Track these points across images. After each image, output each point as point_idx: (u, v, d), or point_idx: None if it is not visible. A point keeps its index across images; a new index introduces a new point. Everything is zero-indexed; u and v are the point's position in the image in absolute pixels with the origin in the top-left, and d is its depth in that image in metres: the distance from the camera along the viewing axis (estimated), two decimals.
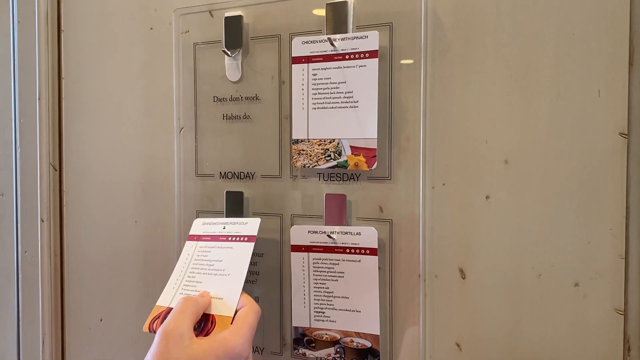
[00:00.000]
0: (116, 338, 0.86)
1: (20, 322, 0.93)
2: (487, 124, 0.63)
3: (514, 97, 0.61)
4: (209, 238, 0.72)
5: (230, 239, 0.70)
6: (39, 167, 0.90)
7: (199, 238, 0.73)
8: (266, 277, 0.73)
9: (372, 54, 0.66)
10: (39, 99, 0.89)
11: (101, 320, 0.87)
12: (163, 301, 0.69)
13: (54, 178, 0.90)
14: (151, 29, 0.81)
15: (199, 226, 0.74)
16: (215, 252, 0.70)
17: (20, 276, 0.93)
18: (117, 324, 0.86)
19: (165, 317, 0.62)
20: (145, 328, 0.66)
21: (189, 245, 0.73)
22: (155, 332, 0.61)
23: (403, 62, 0.66)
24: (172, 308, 0.65)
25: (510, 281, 0.62)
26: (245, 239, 0.69)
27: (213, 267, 0.68)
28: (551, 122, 0.60)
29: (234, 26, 0.74)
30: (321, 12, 0.70)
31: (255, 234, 0.69)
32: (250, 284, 0.75)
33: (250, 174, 0.75)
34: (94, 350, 0.88)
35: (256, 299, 0.72)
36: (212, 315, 0.65)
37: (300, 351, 0.70)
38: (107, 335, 0.87)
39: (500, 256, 0.62)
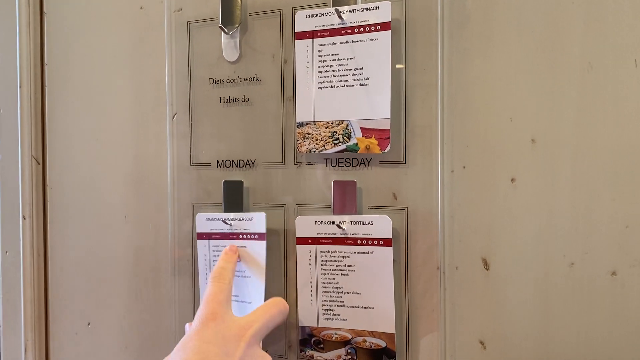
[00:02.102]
0: (105, 344, 0.79)
1: (1, 328, 0.86)
2: (511, 100, 0.57)
3: (541, 70, 0.56)
4: (219, 236, 0.68)
5: (240, 237, 0.67)
6: (20, 160, 0.83)
7: (209, 236, 0.69)
8: (269, 272, 0.67)
9: (384, 26, 0.60)
10: (20, 87, 0.83)
11: (88, 324, 0.81)
12: None
13: (36, 172, 0.83)
14: (141, 8, 0.75)
15: (204, 222, 0.69)
16: None
17: (0, 278, 0.86)
18: (106, 328, 0.79)
19: None
20: None
21: (201, 244, 0.70)
22: None
23: (418, 35, 0.60)
24: None
25: (539, 272, 0.57)
26: (256, 236, 0.66)
27: None
28: (582, 96, 0.55)
29: (231, 1, 0.68)
30: None
31: (265, 231, 0.65)
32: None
33: (250, 162, 0.69)
34: (80, 357, 0.81)
35: None
36: None
37: (307, 353, 0.64)
38: (95, 340, 0.80)
39: (527, 244, 0.57)
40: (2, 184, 0.85)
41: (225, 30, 0.68)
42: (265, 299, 0.65)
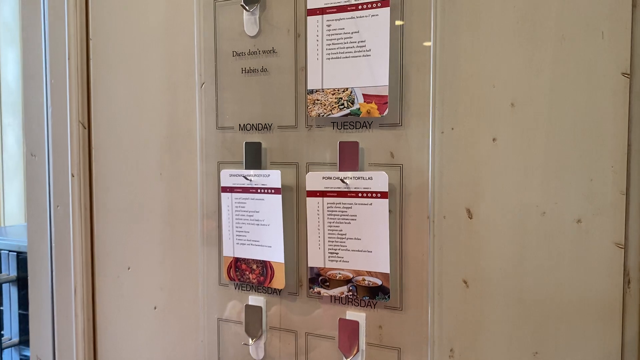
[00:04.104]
0: (143, 285, 0.91)
1: (54, 273, 0.99)
2: (494, 68, 0.65)
3: (520, 42, 0.64)
4: (240, 190, 0.78)
5: (259, 191, 0.76)
6: (69, 125, 0.95)
7: (231, 190, 0.79)
8: (283, 221, 0.77)
9: (384, 3, 0.68)
10: (68, 59, 0.94)
11: (129, 268, 0.92)
12: (227, 251, 0.81)
13: (83, 135, 0.95)
14: None
15: (227, 178, 0.79)
16: (250, 203, 0.78)
17: (52, 229, 0.98)
18: (144, 271, 0.91)
19: (236, 266, 0.80)
20: (226, 277, 0.81)
21: (225, 197, 0.80)
22: (234, 280, 0.80)
23: (414, 10, 0.68)
24: (237, 257, 0.79)
25: (515, 220, 0.65)
26: (273, 191, 0.76)
27: (253, 218, 0.78)
28: (556, 64, 0.62)
29: None
30: None
31: (280, 187, 0.75)
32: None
33: (267, 125, 0.78)
34: (122, 296, 0.93)
35: None
36: (269, 262, 0.77)
37: (315, 290, 0.74)
38: (134, 282, 0.92)
39: (506, 196, 0.65)
40: (53, 147, 0.97)
41: (247, 8, 0.77)
42: None
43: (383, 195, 0.70)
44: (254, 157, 0.79)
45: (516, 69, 0.64)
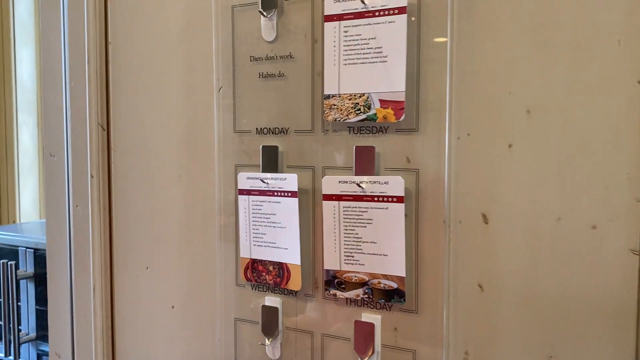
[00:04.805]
0: (161, 284, 0.93)
1: (73, 272, 1.01)
2: (510, 75, 0.66)
3: (536, 49, 0.64)
4: (257, 193, 0.79)
5: (276, 194, 0.78)
6: (89, 127, 0.96)
7: (248, 192, 0.80)
8: (299, 224, 0.78)
9: (401, 10, 0.69)
10: (87, 63, 0.95)
11: (147, 268, 0.94)
12: (244, 253, 0.82)
13: (102, 137, 0.96)
14: None
15: (245, 180, 0.80)
16: (267, 206, 0.79)
17: (72, 229, 1.00)
18: (162, 271, 0.92)
19: (252, 267, 0.81)
20: (242, 277, 0.82)
21: (242, 199, 0.81)
22: (251, 281, 0.81)
23: (430, 17, 0.69)
24: (254, 259, 0.80)
25: (530, 225, 0.66)
26: (289, 194, 0.77)
27: (270, 220, 0.79)
28: (571, 72, 0.63)
29: None
30: None
31: (297, 190, 0.76)
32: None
33: (284, 129, 0.79)
34: (140, 295, 0.95)
35: None
36: (285, 263, 0.78)
37: (331, 292, 0.75)
38: (152, 282, 0.94)
39: (521, 201, 0.66)
40: (72, 148, 0.99)
41: (264, 13, 0.78)
42: None
43: (399, 199, 0.71)
44: (271, 161, 0.80)
45: (532, 76, 0.65)
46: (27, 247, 1.63)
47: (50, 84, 1.01)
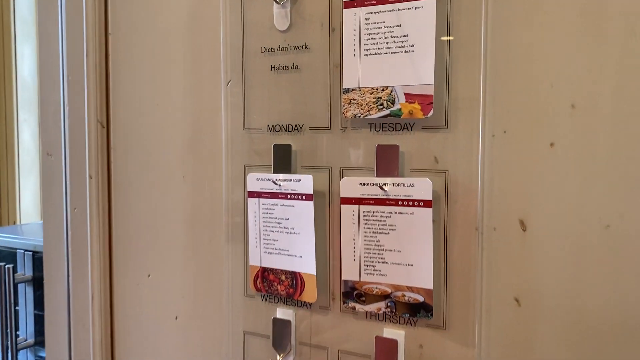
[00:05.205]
0: (164, 294, 0.86)
1: (70, 278, 0.95)
2: (552, 66, 0.59)
3: (583, 36, 0.57)
4: (268, 195, 0.73)
5: (289, 196, 0.71)
6: (87, 124, 0.90)
7: (259, 195, 0.74)
8: (314, 230, 0.72)
9: None
10: (86, 55, 0.89)
11: (149, 275, 0.88)
12: (254, 260, 0.75)
13: (101, 135, 0.90)
14: None
15: (255, 182, 0.74)
16: (279, 209, 0.72)
17: (69, 233, 0.94)
18: (165, 279, 0.86)
19: (263, 276, 0.74)
20: (252, 287, 0.75)
21: (251, 202, 0.75)
22: (261, 291, 0.74)
23: (462, 2, 0.62)
24: (265, 267, 0.74)
25: (575, 233, 0.59)
26: (304, 197, 0.70)
27: (282, 225, 0.72)
28: (624, 62, 0.56)
29: None
30: None
31: (312, 192, 0.70)
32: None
33: (298, 127, 0.73)
34: (142, 305, 0.89)
35: None
36: (299, 273, 0.72)
37: (349, 305, 0.69)
38: (154, 291, 0.87)
39: (564, 207, 0.59)
40: (70, 147, 0.93)
41: (277, 0, 0.72)
42: None
43: (426, 203, 0.64)
44: (284, 161, 0.74)
45: (578, 66, 0.58)
46: (25, 250, 1.57)
47: (47, 78, 0.95)
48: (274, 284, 0.74)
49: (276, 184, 0.73)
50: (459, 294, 0.64)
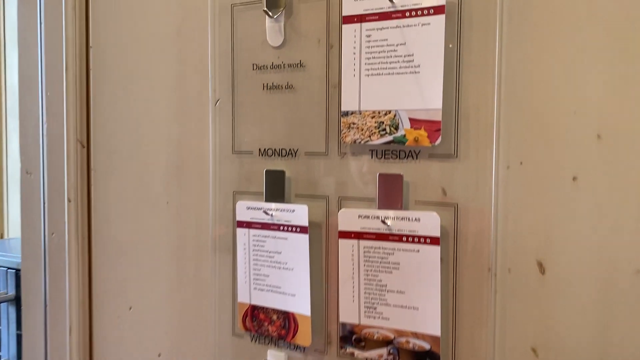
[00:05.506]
0: (146, 328, 0.79)
1: (47, 309, 0.88)
2: (576, 91, 0.53)
3: (611, 59, 0.51)
4: (259, 226, 0.67)
5: (282, 228, 0.65)
6: (66, 143, 0.84)
7: (249, 225, 0.68)
8: (310, 267, 0.65)
9: (438, 9, 0.56)
10: (65, 70, 0.83)
11: (130, 308, 0.81)
12: (242, 297, 0.69)
13: (81, 155, 0.84)
14: None
15: (244, 211, 0.67)
16: (271, 242, 0.67)
17: (47, 259, 0.88)
18: (147, 313, 0.79)
19: (252, 315, 0.68)
20: (241, 326, 0.69)
21: (240, 233, 0.69)
22: (250, 331, 0.68)
23: (474, 19, 0.56)
24: (254, 305, 0.68)
25: (600, 278, 0.52)
26: (298, 229, 0.64)
27: (274, 260, 0.67)
28: None
29: None
30: None
31: (307, 225, 0.64)
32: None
33: (292, 151, 0.67)
34: (122, 340, 0.82)
35: None
36: (292, 313, 0.66)
37: (347, 350, 0.62)
38: (136, 325, 0.80)
39: (588, 248, 0.53)
40: (48, 167, 0.86)
41: (270, 13, 0.66)
42: None
43: (433, 240, 0.58)
44: (276, 188, 0.67)
45: (604, 91, 0.52)
46: (8, 268, 1.51)
47: (27, 91, 0.88)
48: (265, 324, 0.67)
49: (268, 213, 0.67)
50: (469, 343, 0.58)
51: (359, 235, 0.62)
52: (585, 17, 0.52)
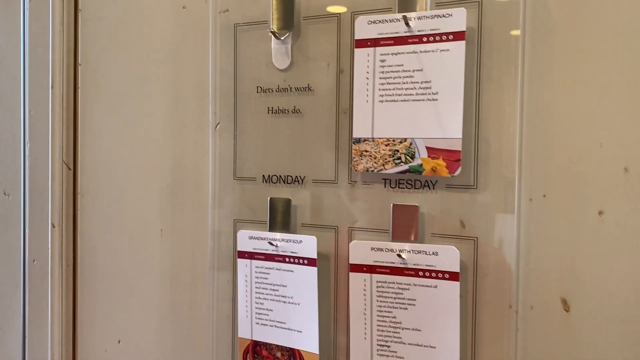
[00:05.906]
0: None
1: (27, 342, 0.82)
2: (602, 123, 0.51)
3: (638, 88, 0.50)
4: (262, 257, 0.63)
5: (287, 260, 0.62)
6: (51, 165, 0.79)
7: (251, 256, 0.64)
8: (317, 302, 0.62)
9: (458, 35, 0.54)
10: (51, 87, 0.78)
11: (119, 342, 0.76)
12: (243, 332, 0.66)
13: (67, 178, 0.79)
14: (183, 7, 0.70)
15: (246, 240, 0.64)
16: (275, 274, 0.63)
17: (27, 289, 0.82)
18: (138, 348, 0.75)
19: (254, 351, 0.64)
20: None
21: (242, 264, 0.65)
22: None
23: (495, 46, 0.54)
24: (256, 341, 0.64)
25: (628, 316, 0.50)
26: (306, 262, 0.61)
27: (279, 293, 0.63)
28: None
29: (283, 4, 0.63)
30: None
31: (315, 257, 0.60)
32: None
33: (299, 178, 0.63)
34: None
35: None
36: (298, 350, 0.62)
37: None
38: (126, 359, 0.76)
39: (615, 285, 0.51)
40: (30, 190, 0.81)
41: (277, 35, 0.63)
42: None
43: (452, 276, 0.55)
44: (282, 217, 0.64)
45: (631, 123, 0.50)
46: None
47: (7, 109, 0.83)
48: None
49: (272, 244, 0.63)
50: None
51: (371, 269, 0.59)
52: (612, 45, 0.50)
